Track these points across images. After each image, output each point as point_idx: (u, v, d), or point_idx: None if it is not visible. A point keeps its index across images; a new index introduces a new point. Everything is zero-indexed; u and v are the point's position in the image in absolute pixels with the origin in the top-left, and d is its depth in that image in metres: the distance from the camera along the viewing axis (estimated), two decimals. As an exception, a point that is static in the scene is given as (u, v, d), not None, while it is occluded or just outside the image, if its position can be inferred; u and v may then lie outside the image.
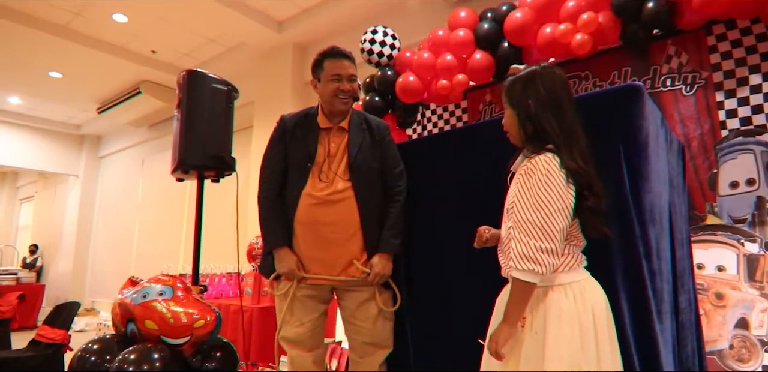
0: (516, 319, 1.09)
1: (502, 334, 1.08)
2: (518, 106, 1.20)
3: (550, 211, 1.07)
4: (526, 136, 1.19)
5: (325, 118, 1.72)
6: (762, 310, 2.19)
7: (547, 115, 1.16)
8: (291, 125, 1.75)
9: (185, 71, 2.13)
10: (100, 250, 8.07)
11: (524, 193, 1.11)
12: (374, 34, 3.26)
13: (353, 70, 1.71)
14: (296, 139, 1.71)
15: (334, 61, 1.68)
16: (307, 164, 1.66)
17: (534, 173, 1.11)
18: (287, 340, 1.62)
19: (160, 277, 1.65)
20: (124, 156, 7.99)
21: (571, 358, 1.04)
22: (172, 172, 2.15)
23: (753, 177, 2.26)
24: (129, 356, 1.41)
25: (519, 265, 1.07)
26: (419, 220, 1.76)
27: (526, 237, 1.07)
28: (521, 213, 1.10)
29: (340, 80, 1.67)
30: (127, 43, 5.26)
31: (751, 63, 2.31)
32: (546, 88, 1.17)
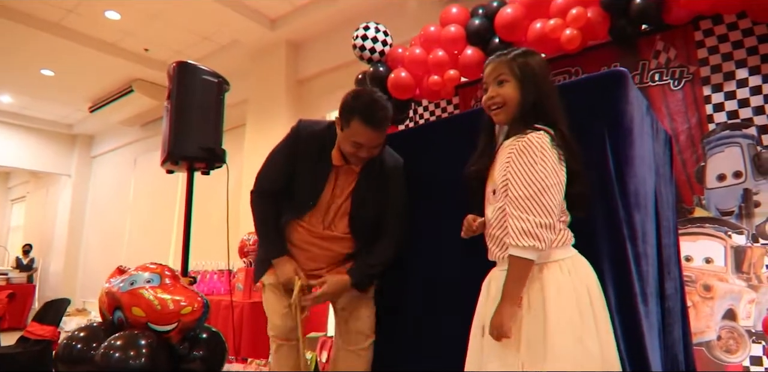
0: (516, 297, 1.07)
1: (506, 313, 1.06)
2: (527, 78, 1.18)
3: (547, 186, 1.07)
4: (524, 110, 1.19)
5: (339, 156, 1.58)
6: (749, 301, 2.21)
7: (549, 93, 1.19)
8: (306, 141, 1.60)
9: (176, 62, 2.13)
10: (91, 250, 8.02)
11: (519, 169, 1.11)
12: (366, 31, 3.27)
13: (381, 139, 1.51)
14: (306, 164, 1.59)
15: (363, 127, 1.45)
16: (309, 202, 1.58)
17: (528, 150, 1.11)
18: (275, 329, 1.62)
19: (148, 266, 1.65)
20: (116, 155, 7.96)
21: (573, 332, 1.05)
22: (162, 163, 2.14)
23: (740, 170, 2.29)
24: (115, 342, 1.40)
25: (520, 241, 1.05)
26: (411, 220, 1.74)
27: (525, 213, 1.07)
28: (517, 189, 1.09)
29: (360, 147, 1.50)
30: (119, 41, 5.25)
31: (738, 57, 2.34)
32: (543, 68, 1.22)
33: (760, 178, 2.23)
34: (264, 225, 1.64)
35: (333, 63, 4.57)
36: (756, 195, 2.23)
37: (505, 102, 1.21)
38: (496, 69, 1.23)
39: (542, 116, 1.18)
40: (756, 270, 2.20)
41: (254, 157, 4.93)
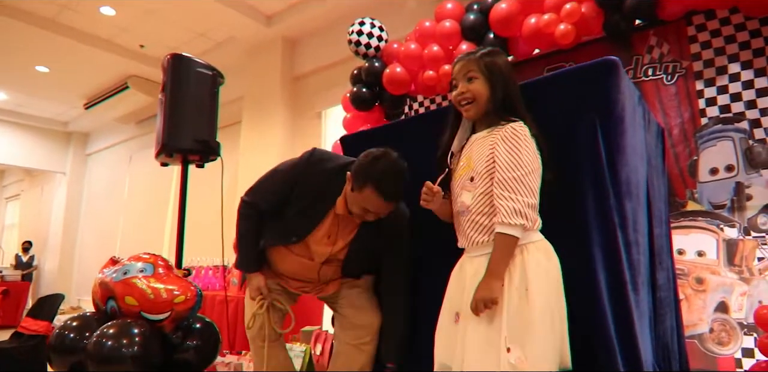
0: (502, 273, 1.11)
1: (494, 287, 1.10)
2: (494, 76, 1.26)
3: (531, 170, 1.15)
4: (494, 106, 1.26)
5: (344, 207, 1.50)
6: (741, 294, 2.22)
7: (515, 89, 1.28)
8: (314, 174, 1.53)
9: (170, 54, 2.13)
10: (86, 248, 7.99)
11: (506, 154, 1.17)
12: (362, 26, 3.28)
13: (391, 208, 1.45)
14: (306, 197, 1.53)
15: (376, 197, 1.39)
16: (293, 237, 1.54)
17: (514, 137, 1.18)
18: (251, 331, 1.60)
19: (142, 256, 1.65)
20: (112, 153, 7.94)
21: (551, 310, 1.11)
22: (156, 156, 2.14)
23: (732, 163, 2.30)
24: (108, 331, 1.40)
25: (510, 219, 1.10)
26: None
27: (514, 193, 1.12)
28: (505, 172, 1.15)
29: (368, 213, 1.45)
30: (114, 37, 5.23)
31: (730, 52, 2.36)
32: (508, 66, 1.31)
33: (752, 172, 2.24)
34: (243, 238, 1.62)
35: (329, 60, 4.57)
36: (748, 188, 2.25)
37: (474, 97, 1.28)
38: (465, 66, 1.30)
39: (511, 111, 1.26)
40: (748, 263, 2.22)
41: (250, 154, 4.92)
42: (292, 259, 1.59)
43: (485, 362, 1.07)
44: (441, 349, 1.24)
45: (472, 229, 1.23)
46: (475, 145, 1.29)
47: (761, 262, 2.18)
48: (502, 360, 1.05)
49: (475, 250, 1.23)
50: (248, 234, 1.60)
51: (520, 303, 1.09)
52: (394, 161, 1.41)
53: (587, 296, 1.23)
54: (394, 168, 1.40)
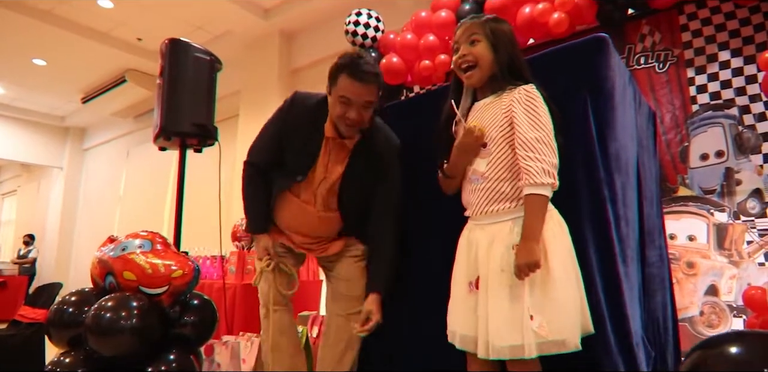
0: (539, 233, 1.11)
1: (536, 249, 1.08)
2: (499, 40, 1.25)
3: (550, 130, 1.15)
4: (500, 72, 1.24)
5: (332, 128, 1.53)
6: (731, 277, 2.26)
7: (519, 53, 1.26)
8: (299, 112, 1.57)
9: (168, 39, 2.15)
10: (83, 243, 7.99)
11: (526, 115, 1.16)
12: (358, 17, 3.31)
13: (371, 97, 1.43)
14: (298, 136, 1.56)
15: (350, 82, 1.40)
16: (298, 176, 1.57)
17: (531, 99, 1.17)
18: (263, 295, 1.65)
19: (140, 233, 1.67)
20: (109, 148, 7.94)
21: (567, 273, 1.12)
22: (154, 139, 2.16)
23: (722, 149, 2.34)
24: (106, 304, 1.42)
25: (540, 179, 1.10)
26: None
27: (540, 154, 1.12)
28: (527, 133, 1.14)
29: (348, 104, 1.43)
30: (112, 30, 5.24)
31: (721, 40, 2.40)
32: (511, 31, 1.29)
33: (742, 157, 2.28)
34: (249, 200, 1.66)
35: (326, 53, 4.59)
36: (737, 173, 2.29)
37: (476, 61, 1.26)
38: (468, 30, 1.28)
39: (517, 77, 1.24)
40: (737, 246, 2.26)
41: (248, 147, 4.94)
42: (297, 208, 1.60)
43: (509, 331, 1.07)
44: (455, 319, 1.23)
45: (489, 198, 1.21)
46: (483, 111, 1.26)
47: (750, 246, 2.23)
48: (525, 328, 1.06)
49: (488, 218, 1.21)
50: (254, 195, 1.65)
51: (541, 271, 1.09)
52: (361, 52, 1.50)
53: (579, 266, 1.25)
54: (361, 55, 1.45)
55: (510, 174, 1.19)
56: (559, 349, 1.06)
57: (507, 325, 1.07)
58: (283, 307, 1.64)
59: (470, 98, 1.34)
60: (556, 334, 1.06)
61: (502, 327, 1.08)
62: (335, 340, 1.62)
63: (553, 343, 1.06)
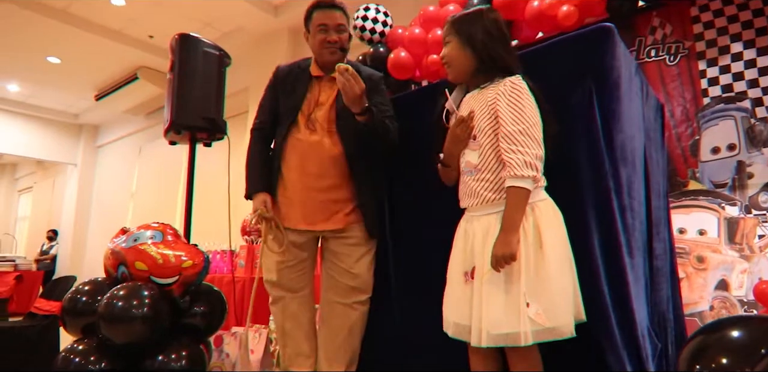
0: (518, 226, 1.12)
1: (512, 240, 1.10)
2: (470, 38, 1.27)
3: (534, 122, 1.16)
4: (479, 66, 1.27)
5: (317, 68, 1.73)
6: (742, 271, 2.24)
7: (498, 46, 1.27)
8: (284, 74, 1.77)
9: (178, 34, 2.18)
10: (96, 238, 8.12)
11: (509, 108, 1.17)
12: (366, 11, 3.31)
13: (342, 20, 1.69)
14: (287, 88, 1.73)
15: (321, 12, 1.67)
16: (295, 111, 1.67)
17: (515, 91, 1.19)
18: (269, 282, 1.67)
19: (151, 224, 1.70)
20: (121, 145, 8.05)
21: (561, 261, 1.14)
22: (165, 134, 2.19)
23: (734, 142, 2.32)
24: (118, 292, 1.45)
25: (522, 171, 1.11)
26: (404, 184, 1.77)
27: (523, 146, 1.13)
28: (510, 125, 1.16)
29: (326, 31, 1.67)
30: (124, 28, 5.31)
31: (733, 32, 2.36)
32: (492, 23, 1.29)
33: (754, 150, 2.26)
34: (251, 160, 1.76)
35: (335, 48, 4.60)
36: (749, 167, 2.26)
37: (449, 61, 1.32)
38: (443, 32, 1.34)
39: (501, 69, 1.26)
40: (748, 240, 2.23)
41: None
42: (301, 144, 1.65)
43: (506, 318, 1.09)
44: (452, 309, 1.24)
45: (482, 188, 1.23)
46: (471, 103, 1.30)
47: (762, 240, 2.20)
48: (522, 315, 1.07)
49: (484, 209, 1.23)
50: (255, 156, 1.75)
51: (536, 259, 1.11)
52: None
53: (582, 258, 1.24)
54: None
55: (498, 165, 1.21)
56: (554, 337, 1.08)
57: (503, 313, 1.09)
58: (290, 294, 1.66)
59: (464, 89, 1.37)
60: (552, 321, 1.07)
61: (497, 315, 1.09)
62: (338, 327, 1.64)
63: (549, 331, 1.07)
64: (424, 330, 1.51)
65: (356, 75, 1.49)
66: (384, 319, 1.72)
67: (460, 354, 1.29)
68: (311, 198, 1.65)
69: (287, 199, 1.68)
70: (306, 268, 1.68)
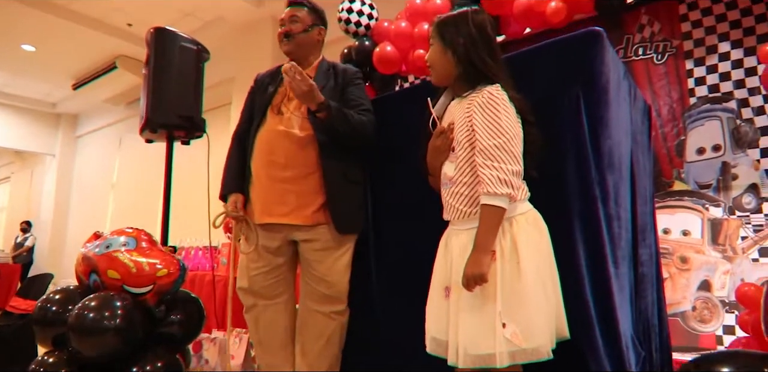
0: (490, 246, 1.08)
1: (483, 262, 1.06)
2: (452, 43, 1.22)
3: (512, 136, 1.10)
4: (461, 72, 1.22)
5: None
6: (724, 273, 2.25)
7: (482, 52, 1.21)
8: (261, 78, 1.78)
9: (153, 28, 2.09)
10: (77, 230, 7.97)
11: (485, 121, 1.12)
12: (351, 3, 3.22)
13: (295, 12, 1.69)
14: (262, 89, 1.72)
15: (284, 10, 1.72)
16: (265, 107, 1.65)
17: (491, 102, 1.13)
18: (241, 289, 1.63)
19: (125, 230, 1.63)
20: (101, 135, 7.86)
21: (544, 284, 1.09)
22: (141, 131, 2.12)
23: (719, 143, 2.31)
24: (90, 303, 1.40)
25: (495, 189, 1.06)
26: (386, 187, 1.73)
27: (497, 162, 1.08)
28: (486, 140, 1.11)
29: (282, 25, 1.69)
30: (102, 16, 5.13)
31: (721, 31, 2.34)
32: (477, 27, 1.23)
33: (739, 152, 2.25)
34: (227, 163, 1.73)
35: (320, 40, 4.51)
36: (734, 168, 2.26)
37: (431, 64, 1.27)
38: (429, 32, 1.29)
39: (483, 75, 1.20)
40: (731, 242, 2.24)
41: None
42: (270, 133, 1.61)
43: (481, 339, 1.05)
44: (432, 324, 1.22)
45: (458, 201, 1.19)
46: (453, 112, 1.25)
47: (744, 241, 2.21)
48: (497, 336, 1.04)
49: (462, 224, 1.19)
50: (231, 159, 1.72)
51: (513, 277, 1.07)
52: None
53: (566, 268, 1.22)
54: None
55: (474, 179, 1.16)
56: (531, 358, 1.04)
57: (478, 333, 1.05)
58: (263, 301, 1.62)
59: (449, 95, 1.32)
60: (529, 341, 1.04)
61: (473, 335, 1.06)
62: (316, 336, 1.60)
63: (525, 352, 1.04)
64: (407, 334, 1.48)
65: (302, 73, 1.46)
66: (365, 322, 1.69)
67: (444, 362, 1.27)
68: (274, 189, 1.58)
69: (254, 195, 1.64)
70: (282, 275, 1.63)
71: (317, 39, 1.74)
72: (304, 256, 1.63)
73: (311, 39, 1.72)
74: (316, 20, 1.74)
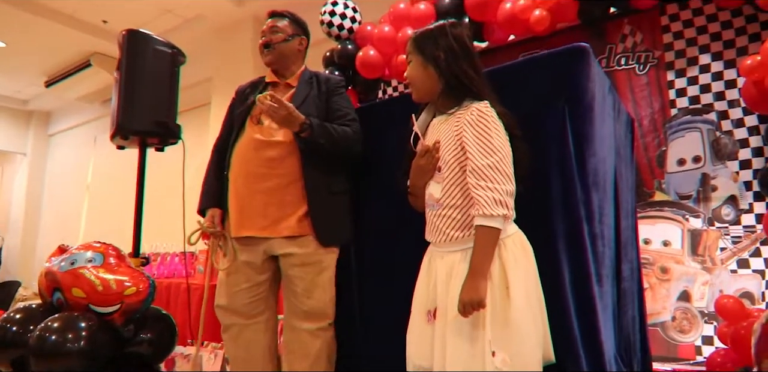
0: (487, 270, 1.04)
1: (481, 287, 1.02)
2: (433, 56, 1.18)
3: (504, 155, 1.08)
4: (444, 86, 1.18)
5: (271, 73, 1.72)
6: (703, 283, 2.26)
7: (464, 65, 1.17)
8: (242, 90, 1.77)
9: (126, 30, 2.00)
10: (48, 232, 7.72)
11: (477, 140, 1.08)
12: (334, 6, 3.17)
13: (276, 23, 1.68)
14: (242, 100, 1.70)
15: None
16: (244, 117, 1.62)
17: (482, 120, 1.10)
18: (219, 307, 1.57)
19: (93, 244, 1.56)
20: (76, 134, 7.62)
21: (531, 309, 1.07)
22: (111, 138, 2.03)
23: (699, 154, 2.32)
24: (52, 324, 1.32)
25: (492, 211, 1.03)
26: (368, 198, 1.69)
27: (492, 182, 1.05)
28: (478, 160, 1.07)
29: (263, 37, 1.69)
30: (76, 12, 4.95)
31: (702, 43, 2.35)
32: (457, 40, 1.19)
33: (718, 163, 2.27)
34: (206, 178, 1.71)
35: (302, 42, 4.43)
36: (713, 179, 2.27)
37: (412, 81, 1.23)
38: (406, 47, 1.25)
39: (468, 91, 1.17)
40: (710, 253, 2.25)
41: (220, 137, 4.78)
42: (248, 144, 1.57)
43: (470, 367, 1.02)
44: (415, 350, 1.17)
45: (445, 225, 1.15)
46: (438, 130, 1.21)
47: (723, 252, 2.22)
48: (487, 364, 1.01)
49: (448, 246, 1.15)
50: (209, 173, 1.70)
51: (503, 303, 1.04)
52: None
53: (551, 288, 1.20)
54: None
55: (464, 201, 1.12)
56: None
57: (467, 361, 1.02)
58: (242, 321, 1.56)
59: (431, 111, 1.28)
60: (518, 368, 1.01)
61: (462, 363, 1.02)
62: (302, 355, 1.55)
63: None
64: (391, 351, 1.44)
65: (277, 98, 1.43)
66: (348, 337, 1.64)
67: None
68: (253, 200, 1.53)
69: (231, 208, 1.59)
70: (263, 293, 1.58)
71: (298, 49, 1.71)
72: (285, 272, 1.57)
73: (292, 49, 1.68)
74: (297, 30, 1.71)
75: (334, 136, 1.51)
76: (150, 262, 2.31)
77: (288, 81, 1.68)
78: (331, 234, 1.56)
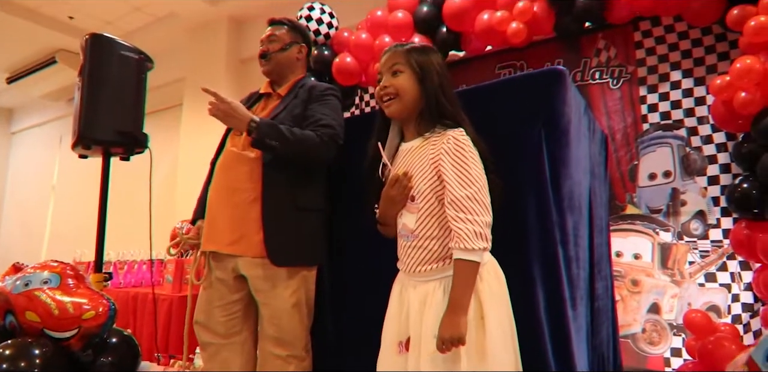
0: (467, 305, 1.01)
1: (462, 322, 0.99)
2: (425, 72, 1.15)
3: (482, 185, 1.05)
4: (425, 106, 1.15)
5: (267, 85, 1.68)
6: (672, 296, 2.30)
7: (447, 90, 1.16)
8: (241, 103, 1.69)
9: (89, 34, 1.91)
10: (10, 235, 7.41)
11: (454, 170, 1.05)
12: (311, 11, 3.11)
13: (274, 31, 1.65)
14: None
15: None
16: (230, 129, 1.59)
17: (458, 149, 1.07)
18: (197, 323, 1.51)
19: (49, 263, 1.47)
20: (40, 132, 7.34)
21: (505, 339, 1.05)
22: (73, 147, 1.93)
23: (669, 169, 2.36)
24: (3, 352, 1.24)
25: (473, 244, 1.00)
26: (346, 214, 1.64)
27: (471, 214, 1.02)
28: (457, 191, 1.04)
29: (261, 46, 1.66)
30: (40, 6, 4.75)
31: (673, 60, 2.39)
32: (443, 66, 1.19)
33: (688, 179, 2.31)
34: (201, 191, 1.67)
35: (277, 44, 4.35)
36: (683, 194, 2.31)
37: (397, 93, 1.16)
38: (391, 59, 1.19)
39: (446, 115, 1.14)
40: (680, 266, 2.30)
41: (192, 137, 4.65)
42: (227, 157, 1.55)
43: None
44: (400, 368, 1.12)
45: (422, 256, 1.11)
46: (411, 157, 1.16)
47: (692, 266, 2.27)
48: None
49: (422, 276, 1.12)
50: (203, 186, 1.66)
51: (477, 334, 1.01)
52: None
53: (525, 313, 1.19)
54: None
55: (441, 232, 1.09)
56: None
57: None
58: (219, 340, 1.50)
59: (398, 137, 1.24)
60: None
61: None
62: None
63: None
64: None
65: (217, 95, 1.40)
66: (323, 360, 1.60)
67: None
68: (223, 214, 1.48)
69: (206, 221, 1.54)
70: (239, 312, 1.51)
71: (297, 57, 1.65)
72: (253, 295, 1.52)
73: (290, 57, 1.63)
74: (296, 38, 1.66)
75: (288, 139, 1.38)
76: (113, 278, 2.22)
77: (279, 91, 1.63)
78: (288, 255, 1.46)
